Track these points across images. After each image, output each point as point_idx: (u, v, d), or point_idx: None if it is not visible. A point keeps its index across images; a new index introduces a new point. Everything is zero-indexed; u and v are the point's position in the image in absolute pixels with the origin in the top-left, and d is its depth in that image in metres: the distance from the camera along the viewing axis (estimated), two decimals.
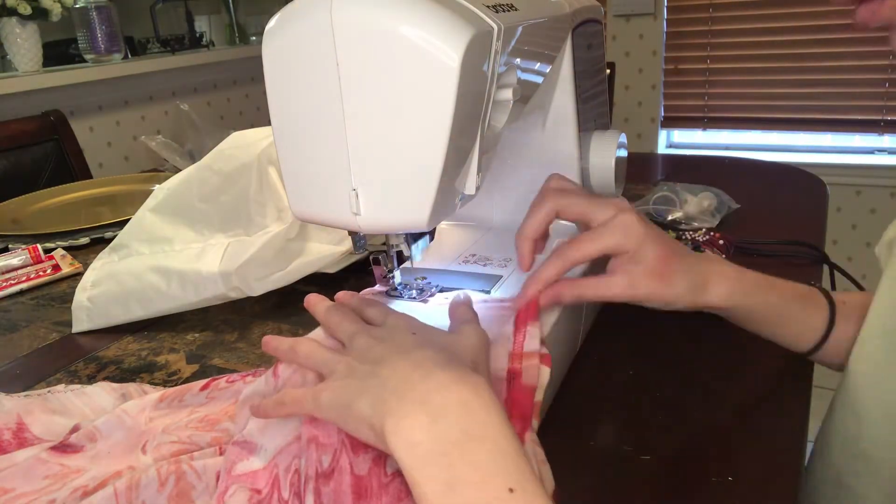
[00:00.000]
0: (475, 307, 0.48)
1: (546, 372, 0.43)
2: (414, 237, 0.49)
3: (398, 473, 0.35)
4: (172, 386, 0.53)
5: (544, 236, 0.52)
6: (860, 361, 0.49)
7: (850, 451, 0.50)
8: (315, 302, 0.47)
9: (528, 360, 0.43)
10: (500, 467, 0.31)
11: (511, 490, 0.30)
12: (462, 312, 0.46)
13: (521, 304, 0.47)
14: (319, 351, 0.41)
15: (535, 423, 0.41)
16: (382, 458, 0.36)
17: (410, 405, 0.33)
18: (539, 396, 0.42)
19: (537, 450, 0.39)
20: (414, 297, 0.53)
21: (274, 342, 0.44)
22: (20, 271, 0.86)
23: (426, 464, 0.31)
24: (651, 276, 0.47)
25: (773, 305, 0.51)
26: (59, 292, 0.82)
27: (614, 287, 0.47)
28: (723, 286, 0.49)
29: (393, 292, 0.54)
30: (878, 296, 0.49)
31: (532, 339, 0.45)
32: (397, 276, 0.54)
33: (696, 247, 0.68)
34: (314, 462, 0.37)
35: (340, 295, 0.50)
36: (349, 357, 0.39)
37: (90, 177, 1.49)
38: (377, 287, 0.55)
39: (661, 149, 2.49)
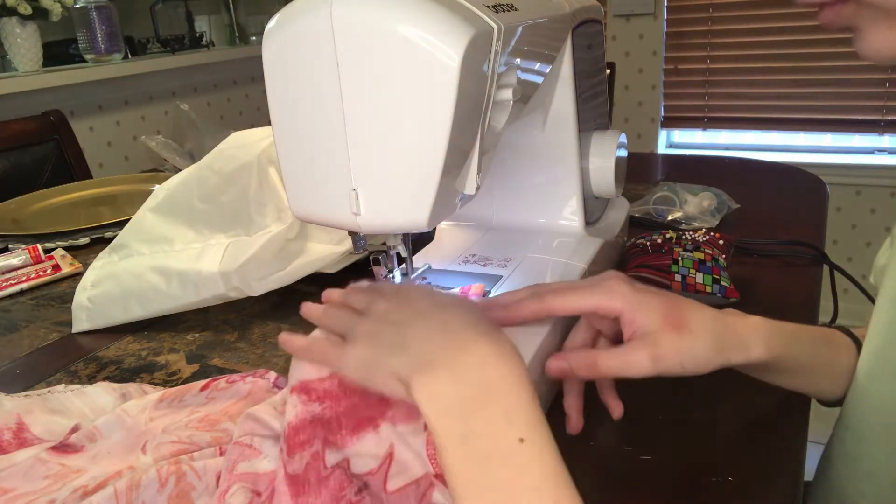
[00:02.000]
0: None
1: None
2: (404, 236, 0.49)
3: (338, 466, 0.37)
4: (172, 386, 0.53)
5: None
6: (859, 382, 0.49)
7: (854, 472, 0.50)
8: (316, 305, 0.47)
9: None
10: (513, 419, 0.33)
11: (521, 440, 0.32)
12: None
13: None
14: (345, 315, 0.42)
15: None
16: (322, 452, 0.37)
17: (437, 365, 0.35)
18: None
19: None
20: None
21: (310, 309, 0.45)
22: (20, 271, 0.86)
23: (445, 416, 0.34)
24: (669, 329, 0.43)
25: (808, 352, 0.48)
26: (59, 292, 0.82)
27: (640, 362, 0.42)
28: (759, 337, 0.45)
29: None
30: (874, 318, 0.49)
31: None
32: (397, 276, 0.54)
33: (697, 247, 0.68)
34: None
35: (353, 285, 0.49)
36: (369, 322, 0.40)
37: (90, 177, 1.49)
38: None
39: (661, 149, 2.49)
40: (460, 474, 0.33)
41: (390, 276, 0.53)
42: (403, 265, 0.52)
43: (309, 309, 0.46)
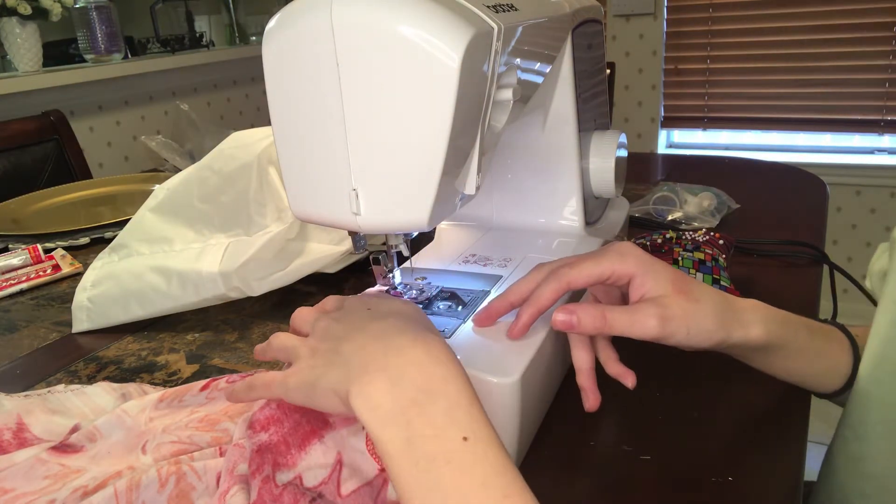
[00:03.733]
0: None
1: None
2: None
3: (290, 483, 0.38)
4: (172, 386, 0.53)
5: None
6: (861, 383, 0.49)
7: (856, 473, 0.50)
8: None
9: None
10: (454, 419, 0.33)
11: (465, 438, 0.33)
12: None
13: (516, 332, 0.46)
14: (288, 340, 0.42)
15: None
16: (272, 475, 0.38)
17: (371, 372, 0.35)
18: None
19: None
20: (414, 297, 0.53)
21: (257, 347, 0.46)
22: (20, 271, 0.86)
23: (387, 423, 0.34)
24: (677, 294, 0.43)
25: (803, 338, 0.48)
26: (59, 292, 0.82)
27: (648, 321, 0.43)
28: (758, 317, 0.45)
29: (393, 292, 0.54)
30: (876, 320, 0.49)
31: None
32: (397, 276, 0.54)
33: (697, 247, 0.68)
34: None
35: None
36: (311, 340, 0.41)
37: (90, 177, 1.49)
38: (377, 287, 0.55)
39: (661, 149, 2.49)
40: (407, 478, 0.32)
41: (390, 275, 0.53)
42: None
43: (256, 349, 0.46)
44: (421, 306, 0.53)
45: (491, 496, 0.31)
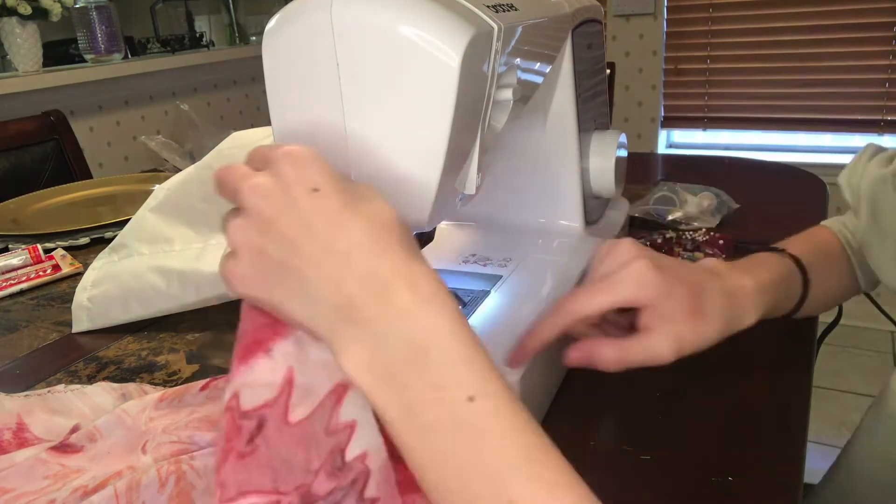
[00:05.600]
0: None
1: None
2: None
3: (226, 410, 0.33)
4: (172, 386, 0.53)
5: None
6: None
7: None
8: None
9: None
10: (454, 376, 0.29)
11: (471, 398, 0.28)
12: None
13: (515, 358, 0.45)
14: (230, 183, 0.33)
15: None
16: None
17: (354, 323, 0.30)
18: None
19: None
20: None
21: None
22: (20, 271, 0.86)
23: (380, 388, 0.29)
24: (692, 317, 0.45)
25: (782, 297, 0.53)
26: (59, 292, 0.82)
27: (662, 352, 0.44)
28: (753, 307, 0.49)
29: None
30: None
31: None
32: None
33: (697, 247, 0.68)
34: None
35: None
36: (244, 223, 0.32)
37: (90, 177, 1.49)
38: None
39: (661, 149, 2.49)
40: (413, 449, 0.29)
41: None
42: None
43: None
44: None
45: (511, 461, 0.27)
